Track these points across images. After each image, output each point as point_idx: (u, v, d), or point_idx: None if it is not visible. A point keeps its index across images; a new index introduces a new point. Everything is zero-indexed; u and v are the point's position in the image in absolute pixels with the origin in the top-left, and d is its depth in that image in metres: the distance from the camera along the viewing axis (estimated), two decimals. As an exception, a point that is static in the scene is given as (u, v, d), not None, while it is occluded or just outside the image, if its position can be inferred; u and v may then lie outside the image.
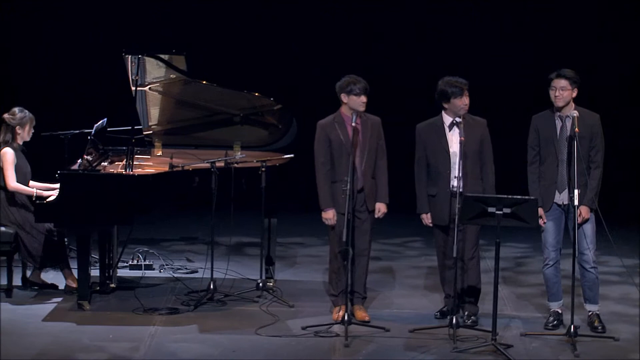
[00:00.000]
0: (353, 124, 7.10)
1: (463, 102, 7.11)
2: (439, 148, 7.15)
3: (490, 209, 6.59)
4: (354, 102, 7.18)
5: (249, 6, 11.62)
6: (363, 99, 7.17)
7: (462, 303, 7.26)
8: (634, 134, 11.54)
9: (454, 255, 6.82)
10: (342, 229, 7.03)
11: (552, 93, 6.97)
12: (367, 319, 7.25)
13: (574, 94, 6.99)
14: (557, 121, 7.00)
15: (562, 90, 6.94)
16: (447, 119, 7.18)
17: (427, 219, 7.25)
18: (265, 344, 6.81)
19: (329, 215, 7.27)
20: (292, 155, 8.15)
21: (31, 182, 7.92)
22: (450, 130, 7.13)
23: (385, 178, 7.33)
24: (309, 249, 9.70)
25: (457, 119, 7.11)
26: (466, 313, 7.24)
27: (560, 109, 6.98)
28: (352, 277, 7.26)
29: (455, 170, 7.07)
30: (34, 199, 7.66)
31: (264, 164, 7.80)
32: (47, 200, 7.52)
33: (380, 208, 7.31)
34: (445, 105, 7.16)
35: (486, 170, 7.21)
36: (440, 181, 7.14)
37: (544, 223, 7.07)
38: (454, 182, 7.08)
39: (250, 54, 11.66)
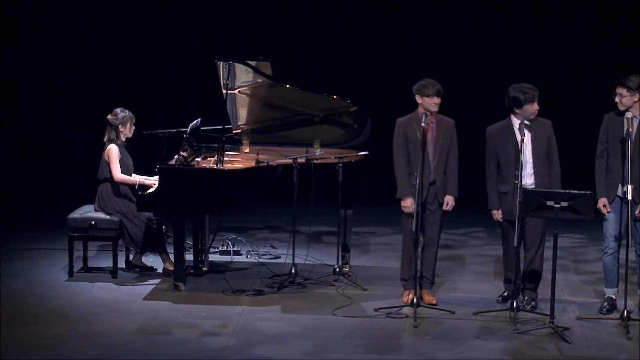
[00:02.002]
0: (422, 124, 7.06)
1: (535, 107, 7.00)
2: (510, 149, 7.02)
3: (549, 203, 6.54)
4: (427, 103, 7.14)
5: (325, 15, 11.45)
6: (435, 100, 7.11)
7: (523, 289, 7.20)
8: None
9: (515, 245, 6.80)
10: (413, 219, 6.95)
11: (615, 98, 6.93)
12: (434, 302, 7.22)
13: (635, 99, 6.90)
14: (625, 120, 6.90)
15: (621, 97, 6.88)
16: (516, 122, 7.04)
17: (497, 214, 7.14)
18: (341, 324, 6.80)
19: (408, 204, 7.15)
20: (366, 153, 8.08)
21: (133, 175, 7.97)
22: (519, 132, 6.95)
23: (456, 174, 7.26)
24: (382, 238, 9.58)
25: (526, 122, 6.98)
26: (526, 298, 7.16)
27: (625, 111, 6.92)
28: (421, 263, 7.24)
29: (526, 168, 6.97)
30: (136, 187, 7.75)
31: (340, 160, 7.78)
32: (148, 191, 7.58)
33: (449, 201, 7.23)
34: (517, 111, 7.03)
35: (552, 167, 7.11)
36: (511, 179, 6.98)
37: (608, 212, 6.97)
38: (524, 180, 6.95)
39: (328, 59, 11.49)
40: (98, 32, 11.41)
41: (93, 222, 7.82)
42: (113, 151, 7.82)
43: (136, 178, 7.87)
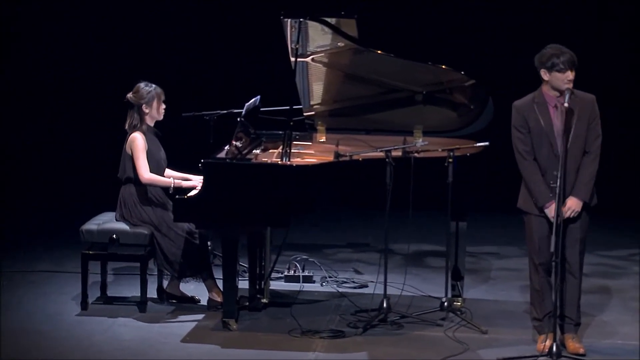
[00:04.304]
0: (565, 104, 6.82)
1: None
2: None
3: None
4: (557, 80, 6.94)
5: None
6: (569, 75, 6.91)
7: None
8: None
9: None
10: (545, 236, 6.81)
11: None
12: (581, 351, 7.02)
13: None
14: None
15: None
16: None
17: None
18: (452, 378, 6.70)
19: (553, 213, 6.94)
20: (487, 143, 7.87)
21: (167, 171, 7.93)
22: None
23: (593, 169, 7.03)
24: (506, 261, 9.49)
25: None
26: None
27: None
28: (561, 297, 7.04)
29: None
30: (171, 191, 7.71)
31: (451, 153, 7.62)
32: (188, 195, 7.52)
33: (572, 205, 6.98)
34: None
35: None
36: None
37: None
38: None
39: (434, 18, 11.98)
40: (98, 32, 12.26)
41: (115, 236, 7.78)
42: (138, 143, 7.72)
43: (171, 179, 7.83)
